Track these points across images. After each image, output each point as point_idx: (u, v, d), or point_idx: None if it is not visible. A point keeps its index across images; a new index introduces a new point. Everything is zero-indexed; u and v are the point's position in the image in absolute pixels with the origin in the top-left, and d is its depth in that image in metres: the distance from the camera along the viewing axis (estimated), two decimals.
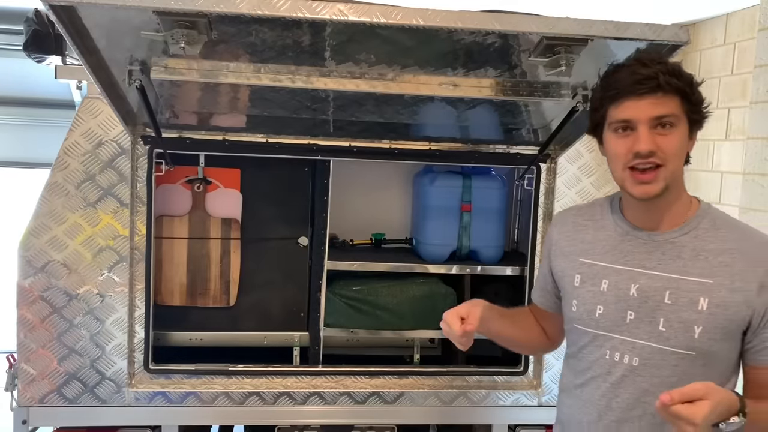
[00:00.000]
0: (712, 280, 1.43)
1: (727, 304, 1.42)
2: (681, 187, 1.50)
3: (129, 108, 2.12)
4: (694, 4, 3.40)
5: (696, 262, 1.45)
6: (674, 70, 1.42)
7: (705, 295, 1.43)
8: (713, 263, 1.44)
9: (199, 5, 1.46)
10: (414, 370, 2.53)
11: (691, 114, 1.44)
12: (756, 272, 1.41)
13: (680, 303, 1.45)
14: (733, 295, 1.41)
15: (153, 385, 2.36)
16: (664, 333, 1.46)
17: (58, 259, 2.26)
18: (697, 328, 1.43)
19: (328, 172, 2.42)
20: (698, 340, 1.43)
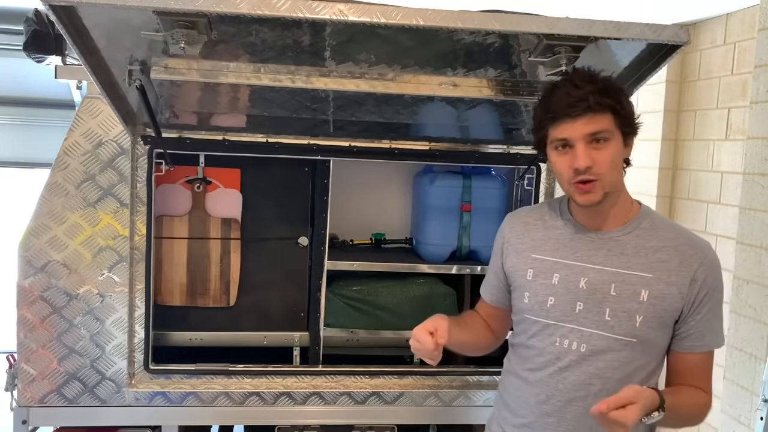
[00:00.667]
0: (651, 275, 1.60)
1: (664, 296, 1.59)
2: (622, 190, 1.65)
3: (129, 108, 2.12)
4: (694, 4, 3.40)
5: (637, 258, 1.61)
6: (604, 88, 1.55)
7: (645, 287, 1.59)
8: (652, 259, 1.61)
9: (199, 5, 1.46)
10: (414, 370, 2.53)
11: (622, 127, 1.58)
12: (689, 268, 1.59)
13: (624, 295, 1.61)
14: (669, 287, 1.59)
15: (153, 385, 2.36)
16: (609, 322, 1.62)
17: (58, 259, 2.26)
18: (639, 317, 1.59)
19: (328, 172, 2.42)
20: (639, 328, 1.60)
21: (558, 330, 1.67)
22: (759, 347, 2.72)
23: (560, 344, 1.67)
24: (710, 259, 1.62)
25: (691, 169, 3.80)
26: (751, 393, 2.75)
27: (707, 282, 1.60)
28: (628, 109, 1.58)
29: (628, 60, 1.84)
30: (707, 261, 1.61)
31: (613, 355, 1.62)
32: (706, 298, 1.60)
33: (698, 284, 1.59)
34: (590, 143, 1.55)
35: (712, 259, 1.62)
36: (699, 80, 3.76)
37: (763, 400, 2.43)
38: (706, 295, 1.60)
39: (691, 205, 3.78)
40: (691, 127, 3.81)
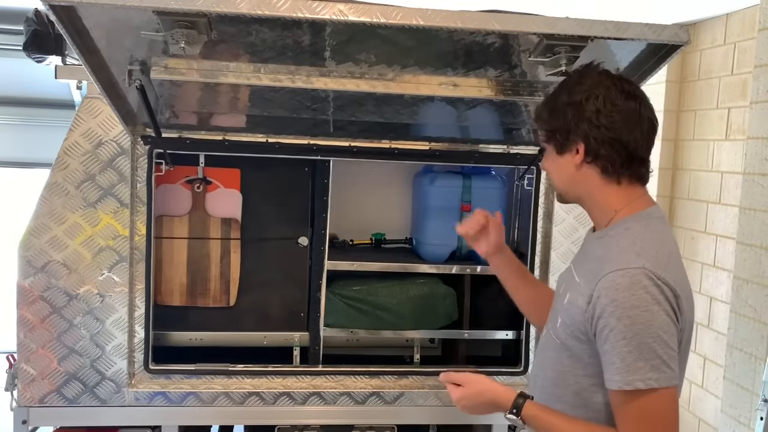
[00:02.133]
0: (579, 280, 1.55)
1: (573, 303, 1.52)
2: (589, 197, 1.60)
3: (129, 108, 2.12)
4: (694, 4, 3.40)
5: (584, 262, 1.60)
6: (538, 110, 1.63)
7: (571, 291, 1.56)
8: (587, 266, 1.55)
9: (199, 5, 1.46)
10: (414, 370, 2.53)
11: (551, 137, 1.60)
12: (593, 283, 1.46)
13: (561, 294, 1.62)
14: (579, 298, 1.50)
15: (153, 385, 2.36)
16: (551, 317, 1.66)
17: (58, 259, 2.26)
18: (559, 319, 1.58)
19: (328, 172, 2.42)
20: (559, 329, 1.57)
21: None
22: (759, 347, 2.72)
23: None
24: (610, 280, 1.42)
25: (691, 169, 3.80)
26: (751, 393, 2.75)
27: (601, 303, 1.42)
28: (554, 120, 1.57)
29: (628, 60, 1.84)
30: (606, 281, 1.42)
31: (548, 353, 1.63)
32: (601, 323, 1.42)
33: (593, 302, 1.44)
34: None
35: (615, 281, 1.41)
36: (699, 80, 3.76)
37: (763, 400, 2.43)
38: (600, 319, 1.42)
39: (691, 205, 3.78)
40: (691, 127, 3.81)
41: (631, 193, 1.56)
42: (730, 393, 2.88)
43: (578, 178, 1.58)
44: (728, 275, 3.31)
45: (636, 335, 1.38)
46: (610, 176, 1.55)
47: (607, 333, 1.41)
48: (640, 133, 1.52)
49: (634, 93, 1.53)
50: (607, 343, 1.41)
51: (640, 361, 1.38)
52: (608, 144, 1.51)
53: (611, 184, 1.55)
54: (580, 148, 1.54)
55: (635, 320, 1.38)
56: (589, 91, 1.51)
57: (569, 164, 1.57)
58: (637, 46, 1.75)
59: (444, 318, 2.63)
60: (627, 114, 1.50)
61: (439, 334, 2.70)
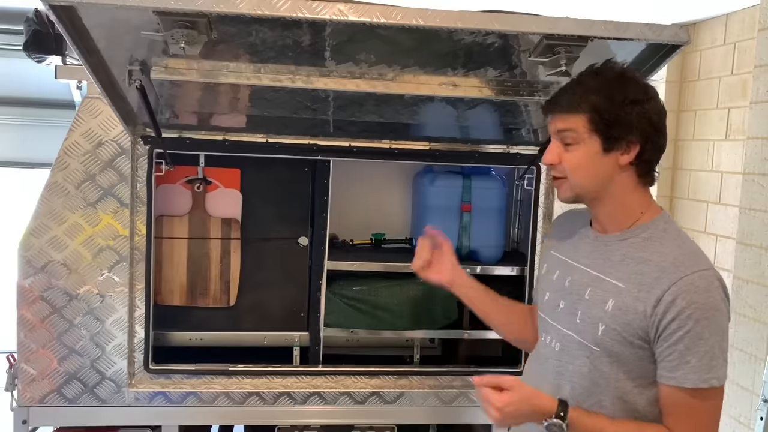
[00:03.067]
0: (624, 285, 1.50)
1: (628, 309, 1.47)
2: (617, 197, 1.55)
3: (129, 108, 2.12)
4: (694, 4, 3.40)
5: (620, 266, 1.53)
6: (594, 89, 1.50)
7: (614, 297, 1.51)
8: (631, 270, 1.50)
9: (199, 5, 1.46)
10: (414, 370, 2.53)
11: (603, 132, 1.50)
12: (660, 287, 1.44)
13: (594, 300, 1.55)
14: (636, 303, 1.47)
15: (153, 385, 2.36)
16: (579, 325, 1.57)
17: (58, 259, 2.26)
18: (601, 326, 1.51)
19: (328, 172, 2.42)
20: (600, 337, 1.52)
21: (546, 325, 1.70)
22: (759, 347, 2.73)
23: (545, 339, 1.70)
24: (688, 283, 1.42)
25: (691, 169, 3.80)
26: (751, 393, 2.76)
27: (676, 305, 1.41)
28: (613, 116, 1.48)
29: (628, 60, 1.83)
30: (683, 283, 1.42)
31: (581, 361, 1.56)
32: (673, 325, 1.42)
33: (664, 306, 1.42)
34: (563, 141, 1.55)
35: (694, 283, 1.42)
36: (699, 80, 3.76)
37: (763, 400, 2.43)
38: (674, 321, 1.42)
39: (691, 205, 3.78)
40: (691, 127, 3.81)
41: (648, 196, 1.59)
42: (730, 393, 2.88)
43: (614, 178, 1.53)
44: (728, 275, 3.31)
45: (711, 335, 1.42)
46: (645, 179, 1.55)
47: (682, 334, 1.41)
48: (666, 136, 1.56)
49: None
50: (681, 343, 1.42)
51: (714, 360, 1.43)
52: (657, 149, 1.52)
53: (642, 187, 1.56)
54: (633, 149, 1.50)
55: (712, 321, 1.42)
56: (653, 92, 1.51)
57: (612, 162, 1.51)
58: (637, 46, 1.75)
59: (444, 318, 2.63)
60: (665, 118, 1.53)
61: (439, 334, 2.70)
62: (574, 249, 1.68)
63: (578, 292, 1.59)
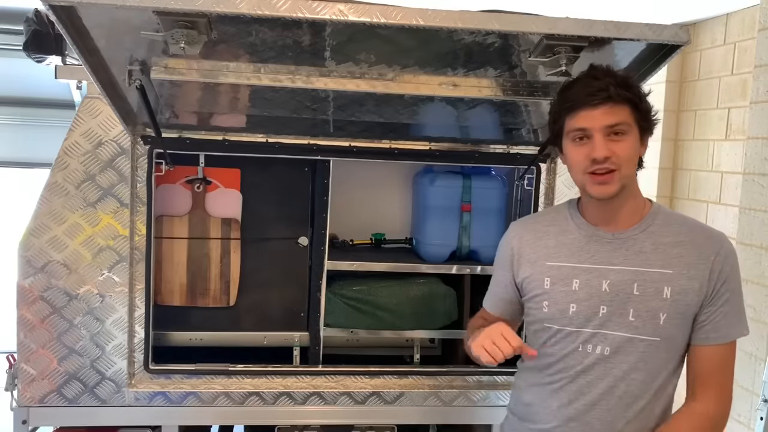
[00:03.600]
0: (672, 270, 1.59)
1: (687, 291, 1.58)
2: (635, 188, 1.64)
3: (129, 108, 2.12)
4: (694, 4, 3.40)
5: (656, 255, 1.60)
6: (624, 81, 1.55)
7: (667, 284, 1.59)
8: (671, 255, 1.60)
9: (199, 5, 1.46)
10: (414, 370, 2.53)
11: (641, 122, 1.58)
12: (707, 260, 1.58)
13: (647, 293, 1.59)
14: (691, 282, 1.58)
15: (153, 385, 2.36)
16: (634, 323, 1.61)
17: (58, 259, 2.26)
18: (663, 315, 1.59)
19: (328, 172, 2.42)
20: (662, 326, 1.59)
21: (581, 336, 1.65)
22: (759, 347, 2.72)
23: (583, 349, 1.65)
24: (726, 249, 1.60)
25: (691, 169, 3.80)
26: (751, 393, 2.75)
27: (724, 272, 1.58)
28: (646, 105, 1.59)
29: (628, 60, 1.84)
30: (723, 251, 1.60)
31: (636, 356, 1.61)
32: (722, 289, 1.58)
33: (716, 275, 1.58)
34: (608, 135, 1.54)
35: (728, 249, 1.61)
36: (699, 80, 3.76)
37: (763, 400, 2.43)
38: (723, 285, 1.58)
39: (691, 205, 3.78)
40: (691, 127, 3.81)
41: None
42: None
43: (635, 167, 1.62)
44: None
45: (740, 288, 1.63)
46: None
47: (729, 296, 1.59)
48: None
49: None
50: (728, 304, 1.59)
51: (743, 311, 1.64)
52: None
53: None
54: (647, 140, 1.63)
55: (739, 278, 1.63)
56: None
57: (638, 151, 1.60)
58: (637, 46, 1.75)
59: (444, 318, 2.63)
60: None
61: (439, 334, 2.70)
62: (585, 253, 1.66)
63: (624, 291, 1.61)
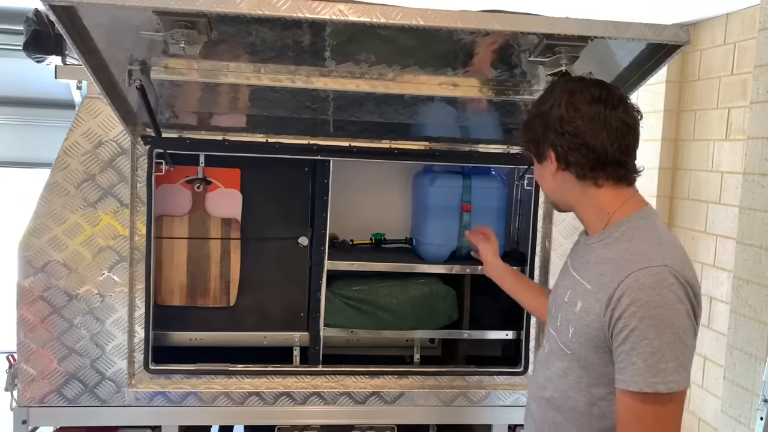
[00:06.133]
0: (591, 287, 1.50)
1: (589, 311, 1.48)
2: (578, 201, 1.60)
3: (129, 108, 2.12)
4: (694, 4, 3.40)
5: (594, 267, 1.53)
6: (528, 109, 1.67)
7: (582, 299, 1.52)
8: (598, 271, 1.50)
9: (199, 5, 1.46)
10: (414, 370, 2.53)
11: (525, 146, 1.66)
12: (612, 285, 1.42)
13: (569, 303, 1.57)
14: (595, 303, 1.46)
15: (153, 385, 2.36)
16: (559, 328, 1.61)
17: (58, 259, 2.26)
18: (571, 329, 1.54)
19: (328, 172, 2.42)
20: (570, 339, 1.54)
21: (546, 327, 1.74)
22: (759, 347, 2.72)
23: (542, 342, 1.75)
24: (636, 280, 1.39)
25: (691, 169, 3.79)
26: (751, 393, 2.75)
27: (622, 303, 1.39)
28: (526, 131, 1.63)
29: (628, 60, 1.84)
30: (631, 280, 1.39)
31: (559, 363, 1.59)
32: (621, 323, 1.39)
33: (613, 304, 1.40)
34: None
35: (639, 279, 1.38)
36: (699, 80, 3.76)
37: (763, 400, 2.43)
38: (620, 319, 1.39)
39: (691, 205, 3.78)
40: (691, 127, 3.81)
41: (620, 194, 1.55)
42: (730, 393, 2.88)
43: (559, 185, 1.60)
44: (728, 275, 3.31)
45: (659, 335, 1.35)
46: (586, 180, 1.55)
47: (627, 333, 1.38)
48: (608, 135, 1.50)
49: (600, 96, 1.51)
50: (626, 343, 1.38)
51: (662, 362, 1.35)
52: (575, 150, 1.52)
53: (591, 188, 1.55)
54: (551, 157, 1.57)
55: (659, 320, 1.35)
56: (553, 100, 1.54)
57: (548, 172, 1.60)
58: (637, 46, 1.75)
59: (444, 318, 2.63)
60: (590, 118, 1.50)
61: (439, 334, 2.70)
62: (574, 252, 1.71)
63: (561, 295, 1.63)
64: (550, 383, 1.62)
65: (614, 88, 1.57)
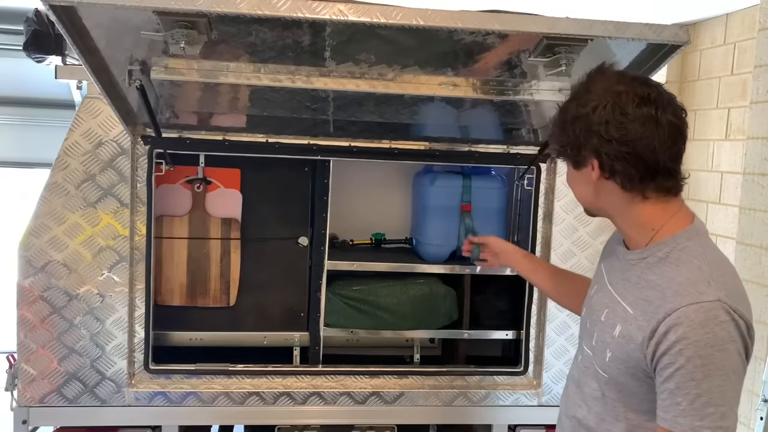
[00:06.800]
0: (632, 312, 1.38)
1: (629, 338, 1.36)
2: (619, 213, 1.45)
3: (129, 108, 2.12)
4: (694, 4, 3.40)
5: (634, 289, 1.41)
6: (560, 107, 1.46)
7: (621, 323, 1.39)
8: (642, 295, 1.38)
9: (199, 5, 1.46)
10: (414, 370, 2.53)
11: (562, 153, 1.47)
12: (657, 316, 1.30)
13: (607, 324, 1.44)
14: (637, 332, 1.34)
15: (153, 385, 2.36)
16: (595, 348, 1.48)
17: (58, 259, 2.26)
18: (609, 353, 1.42)
19: (328, 172, 2.42)
20: (608, 364, 1.42)
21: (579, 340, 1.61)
22: (759, 347, 2.72)
23: (576, 354, 1.60)
24: (685, 316, 1.26)
25: (691, 169, 3.79)
26: (751, 393, 2.75)
27: (668, 339, 1.27)
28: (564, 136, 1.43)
29: (628, 60, 1.84)
30: (680, 315, 1.26)
31: (595, 384, 1.48)
32: (665, 360, 1.28)
33: (657, 338, 1.29)
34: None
35: (689, 316, 1.26)
36: (699, 80, 3.76)
37: (763, 400, 2.43)
38: (665, 356, 1.28)
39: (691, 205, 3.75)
40: (691, 127, 3.80)
41: (666, 208, 1.41)
42: None
43: (598, 195, 1.44)
44: None
45: (707, 377, 1.24)
46: (633, 192, 1.39)
47: (672, 371, 1.27)
48: (659, 142, 1.33)
49: (650, 96, 1.35)
50: (671, 381, 1.27)
51: (710, 406, 1.24)
52: (623, 158, 1.35)
53: (636, 200, 1.40)
54: (594, 164, 1.39)
55: (708, 360, 1.24)
56: (596, 100, 1.36)
57: (588, 180, 1.43)
58: (637, 46, 1.75)
59: (444, 318, 2.63)
60: (641, 123, 1.33)
61: (439, 334, 2.70)
62: (610, 264, 1.55)
63: (597, 312, 1.49)
64: (584, 404, 1.51)
65: (660, 84, 1.41)
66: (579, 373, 1.56)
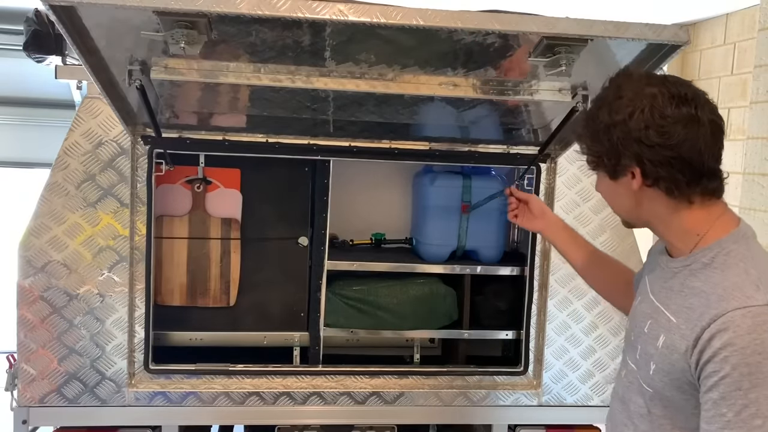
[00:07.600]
0: (676, 320, 1.31)
1: (672, 348, 1.30)
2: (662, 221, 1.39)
3: (129, 108, 2.12)
4: (694, 4, 3.41)
5: (678, 297, 1.35)
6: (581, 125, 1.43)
7: (665, 333, 1.33)
8: (685, 303, 1.31)
9: (199, 5, 1.46)
10: (414, 370, 2.53)
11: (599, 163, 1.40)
12: (700, 323, 1.24)
13: (650, 335, 1.38)
14: (681, 341, 1.28)
15: (153, 385, 2.36)
16: (639, 362, 1.42)
17: (58, 259, 2.26)
18: (653, 365, 1.35)
19: (328, 172, 2.42)
20: (652, 377, 1.36)
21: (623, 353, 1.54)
22: None
23: (619, 370, 1.54)
24: (731, 321, 1.19)
25: None
26: None
27: (713, 346, 1.20)
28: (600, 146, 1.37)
29: (628, 60, 1.84)
30: (725, 321, 1.20)
31: (640, 401, 1.41)
32: (709, 368, 1.21)
33: (701, 346, 1.23)
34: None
35: (735, 321, 1.19)
36: (699, 80, 3.76)
37: None
38: (709, 363, 1.21)
39: None
40: None
41: (711, 212, 1.35)
42: None
43: (639, 204, 1.38)
44: None
45: (755, 387, 1.17)
46: (679, 198, 1.33)
47: (716, 380, 1.20)
48: (704, 142, 1.28)
49: (686, 95, 1.29)
50: (715, 390, 1.20)
51: (757, 418, 1.16)
52: (667, 164, 1.29)
53: (682, 206, 1.34)
54: (636, 172, 1.33)
55: (756, 368, 1.17)
56: (632, 105, 1.30)
57: (627, 189, 1.36)
58: (637, 46, 1.75)
59: (444, 318, 2.63)
60: (683, 124, 1.27)
61: (439, 334, 2.70)
62: (652, 274, 1.49)
63: (641, 324, 1.43)
64: (630, 422, 1.44)
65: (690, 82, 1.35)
66: (623, 389, 1.49)
